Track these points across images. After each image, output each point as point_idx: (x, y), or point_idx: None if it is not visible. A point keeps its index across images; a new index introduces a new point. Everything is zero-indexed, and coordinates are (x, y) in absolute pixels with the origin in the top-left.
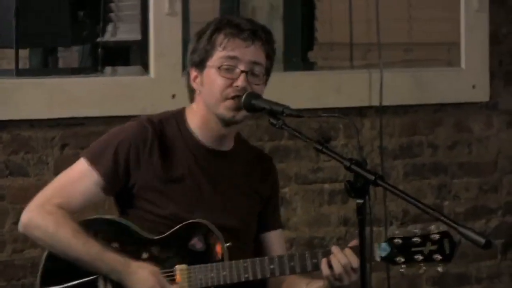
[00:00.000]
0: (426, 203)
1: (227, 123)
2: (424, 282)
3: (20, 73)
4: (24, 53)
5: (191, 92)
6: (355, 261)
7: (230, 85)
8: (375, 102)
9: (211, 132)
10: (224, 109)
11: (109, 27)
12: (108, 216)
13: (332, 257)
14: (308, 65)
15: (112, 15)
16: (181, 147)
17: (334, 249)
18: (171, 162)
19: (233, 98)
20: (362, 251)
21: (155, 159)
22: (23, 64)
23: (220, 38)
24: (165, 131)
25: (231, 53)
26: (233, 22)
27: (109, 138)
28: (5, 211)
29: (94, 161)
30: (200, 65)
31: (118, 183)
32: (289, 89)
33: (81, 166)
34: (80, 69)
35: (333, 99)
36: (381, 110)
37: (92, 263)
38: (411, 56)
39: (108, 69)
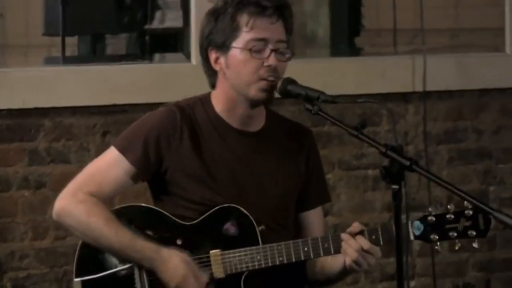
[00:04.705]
0: (463, 188)
1: (255, 104)
2: (470, 268)
3: (66, 60)
4: (73, 40)
5: (212, 76)
6: (365, 243)
7: (261, 65)
8: (419, 88)
9: (238, 113)
10: (257, 90)
11: (157, 14)
12: (141, 204)
13: (343, 244)
14: (355, 51)
15: (159, 2)
16: (211, 131)
17: (344, 235)
18: (201, 146)
19: (266, 79)
20: (398, 237)
21: (185, 144)
22: (72, 51)
23: (244, 18)
24: (194, 115)
25: (260, 35)
26: None
27: (138, 126)
28: (46, 198)
29: (124, 150)
30: (223, 46)
31: (149, 170)
32: (335, 75)
33: (112, 155)
34: (127, 56)
35: (377, 85)
36: (425, 96)
37: (123, 251)
38: (457, 42)
39: (156, 56)
